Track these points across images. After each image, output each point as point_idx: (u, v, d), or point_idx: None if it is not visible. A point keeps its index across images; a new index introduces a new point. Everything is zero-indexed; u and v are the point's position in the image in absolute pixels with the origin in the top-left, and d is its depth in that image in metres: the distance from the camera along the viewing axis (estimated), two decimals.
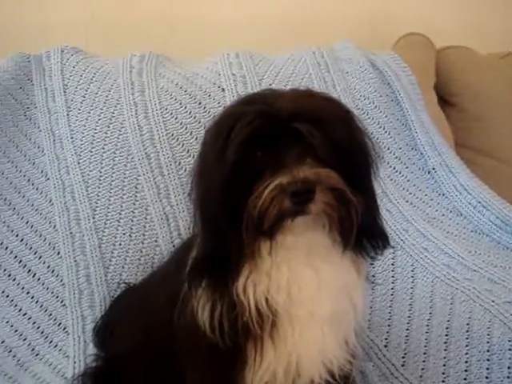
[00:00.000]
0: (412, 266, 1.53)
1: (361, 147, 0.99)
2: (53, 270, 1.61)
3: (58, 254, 1.62)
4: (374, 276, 1.52)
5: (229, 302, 0.99)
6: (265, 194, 0.89)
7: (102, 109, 1.71)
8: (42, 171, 1.69)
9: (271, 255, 0.96)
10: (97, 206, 1.64)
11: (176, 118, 1.68)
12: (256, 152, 0.94)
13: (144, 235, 1.62)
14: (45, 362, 1.50)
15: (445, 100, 2.09)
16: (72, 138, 1.70)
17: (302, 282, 0.98)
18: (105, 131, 1.69)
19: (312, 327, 1.00)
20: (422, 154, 1.73)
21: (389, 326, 1.42)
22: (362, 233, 0.96)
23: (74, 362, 1.48)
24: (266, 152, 0.94)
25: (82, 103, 1.73)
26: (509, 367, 1.24)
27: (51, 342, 1.54)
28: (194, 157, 1.64)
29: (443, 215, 1.65)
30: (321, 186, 0.90)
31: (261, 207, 0.90)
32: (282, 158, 0.92)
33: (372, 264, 1.50)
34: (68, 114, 1.73)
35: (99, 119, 1.70)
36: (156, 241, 1.62)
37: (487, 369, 1.26)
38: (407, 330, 1.40)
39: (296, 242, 0.96)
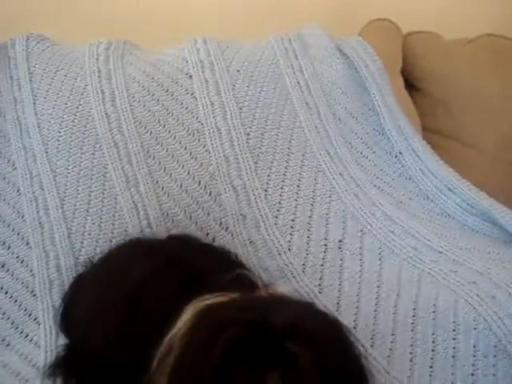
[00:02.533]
0: (379, 249, 1.55)
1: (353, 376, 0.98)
2: (22, 261, 1.60)
3: (27, 244, 1.61)
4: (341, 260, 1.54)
5: None
6: None
7: (68, 97, 1.69)
8: (8, 161, 1.67)
9: None
10: (65, 196, 1.63)
11: (144, 106, 1.67)
12: (239, 364, 0.91)
13: (113, 224, 1.62)
14: (15, 352, 1.50)
15: (411, 85, 2.11)
16: (39, 126, 1.68)
17: None
18: (72, 120, 1.67)
19: None
20: (388, 138, 1.74)
21: (357, 308, 1.44)
22: None
23: (46, 352, 1.48)
24: (249, 366, 0.90)
25: (48, 91, 1.71)
26: (474, 345, 1.27)
27: (22, 332, 1.53)
28: (162, 144, 1.65)
29: (410, 199, 1.67)
30: None
31: None
32: (263, 378, 0.88)
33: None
34: (34, 103, 1.71)
35: (66, 107, 1.68)
36: (126, 230, 1.61)
37: (453, 348, 1.28)
38: (375, 311, 1.42)
39: None
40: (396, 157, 1.73)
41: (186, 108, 1.68)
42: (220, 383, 0.91)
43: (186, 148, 1.65)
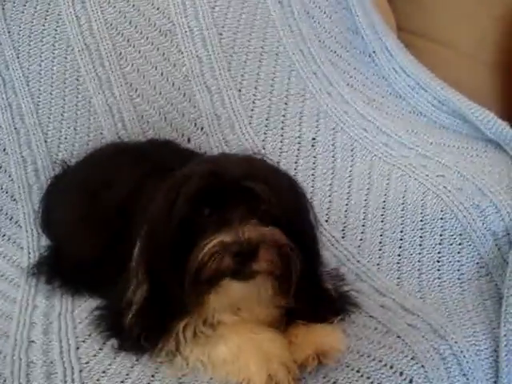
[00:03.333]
0: (351, 145, 1.57)
1: (304, 210, 1.04)
2: (0, 167, 1.62)
3: (4, 150, 1.63)
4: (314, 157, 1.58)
5: None
6: (205, 249, 0.91)
7: (37, 1, 1.66)
8: None
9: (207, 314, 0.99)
10: (39, 101, 1.63)
11: (114, 7, 1.64)
12: (203, 210, 0.96)
13: (89, 128, 1.63)
14: None
15: None
16: (9, 32, 1.66)
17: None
18: (42, 23, 1.65)
19: None
20: (362, 37, 1.73)
21: (329, 202, 1.49)
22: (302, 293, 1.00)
23: (29, 253, 1.52)
24: (213, 210, 0.96)
25: None
26: (440, 234, 1.32)
27: (4, 235, 1.57)
28: (134, 46, 1.63)
29: (383, 97, 1.68)
30: (264, 245, 0.92)
31: (200, 261, 0.92)
32: (228, 217, 0.94)
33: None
34: (3, 8, 1.67)
35: (35, 11, 1.66)
36: (101, 133, 1.63)
37: (420, 237, 1.34)
38: (346, 205, 1.47)
39: (235, 307, 1.00)
40: (370, 56, 1.73)
41: (158, 8, 1.65)
42: (188, 232, 0.96)
43: (158, 49, 1.63)
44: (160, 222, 1.00)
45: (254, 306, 1.01)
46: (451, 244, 1.31)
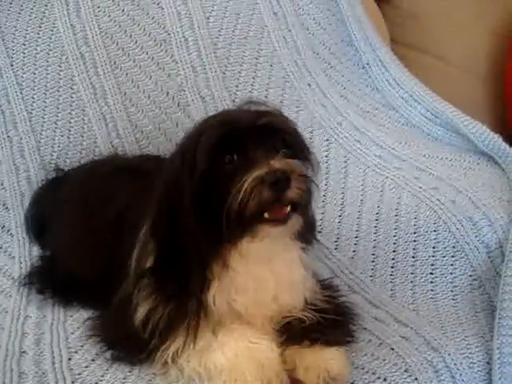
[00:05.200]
0: (345, 157, 1.58)
1: (308, 147, 1.08)
2: None
3: None
4: None
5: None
6: (245, 185, 0.93)
7: (32, 9, 1.67)
8: None
9: (238, 258, 1.02)
10: (32, 109, 1.63)
11: (109, 16, 1.65)
12: (224, 158, 0.98)
13: (83, 136, 1.63)
14: None
15: None
16: (3, 40, 1.66)
17: (262, 287, 1.05)
18: (36, 32, 1.65)
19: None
20: (356, 49, 1.74)
21: (323, 213, 1.49)
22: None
23: (20, 263, 1.51)
24: (236, 155, 0.98)
25: (11, 4, 1.68)
26: (433, 247, 1.33)
27: None
28: (129, 55, 1.64)
29: (376, 109, 1.69)
30: (294, 174, 0.96)
31: (242, 198, 0.94)
32: (252, 158, 0.97)
33: None
34: None
35: (30, 19, 1.66)
36: (95, 142, 1.63)
37: (414, 249, 1.34)
38: (340, 216, 1.47)
39: (262, 247, 1.01)
40: (363, 68, 1.74)
41: (153, 18, 1.66)
42: (211, 184, 0.98)
43: (153, 59, 1.64)
44: (183, 181, 1.00)
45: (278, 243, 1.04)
46: (444, 256, 1.31)
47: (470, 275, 1.29)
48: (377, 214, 1.42)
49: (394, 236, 1.37)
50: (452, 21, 2.05)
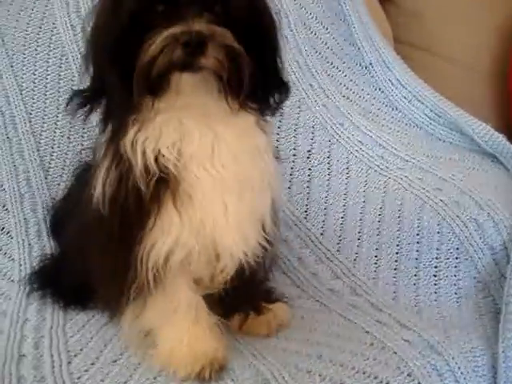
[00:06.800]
0: (347, 158, 1.57)
1: (262, 9, 1.00)
2: None
3: None
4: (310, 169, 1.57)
5: (121, 165, 1.00)
6: (157, 42, 0.90)
7: (32, 9, 1.65)
8: None
9: (160, 112, 0.97)
10: (32, 110, 1.61)
11: None
12: (156, 5, 0.94)
13: (83, 137, 1.61)
14: None
15: None
16: (3, 40, 1.64)
17: (194, 139, 0.99)
18: (36, 32, 1.64)
19: (216, 192, 1.01)
20: (359, 49, 1.72)
21: (325, 215, 1.48)
22: (256, 92, 0.98)
23: (20, 265, 1.50)
24: (167, 6, 0.93)
25: (11, 4, 1.67)
26: (437, 249, 1.32)
27: None
28: None
29: (379, 109, 1.67)
30: (214, 41, 0.91)
31: (151, 55, 0.90)
32: (181, 12, 0.91)
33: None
34: None
35: (30, 20, 1.64)
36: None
37: (417, 251, 1.34)
38: (342, 218, 1.47)
39: (188, 102, 0.97)
40: (366, 68, 1.72)
41: None
42: (137, 28, 0.93)
43: None
44: (108, 15, 0.96)
45: (203, 99, 0.98)
46: (448, 258, 1.31)
47: (475, 277, 1.29)
48: (379, 215, 1.41)
49: (397, 238, 1.36)
50: (455, 19, 2.04)
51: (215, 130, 1.00)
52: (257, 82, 0.96)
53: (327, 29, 1.74)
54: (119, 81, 0.94)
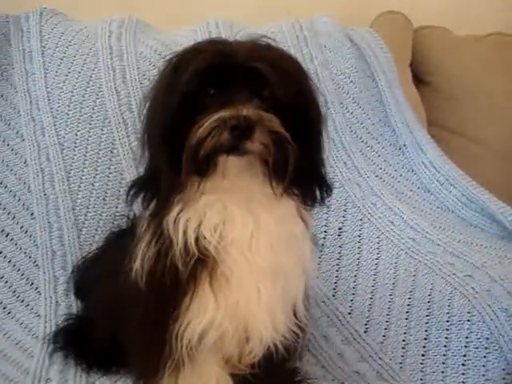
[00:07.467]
0: (378, 238, 1.57)
1: (309, 99, 1.03)
2: (26, 231, 1.63)
3: (32, 215, 1.63)
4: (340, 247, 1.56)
5: (161, 241, 1.02)
6: (206, 124, 0.93)
7: (79, 72, 1.71)
8: (17, 132, 1.69)
9: (205, 193, 0.99)
10: (71, 169, 1.65)
11: None
12: (208, 88, 0.97)
13: (118, 199, 1.64)
14: (16, 320, 1.53)
15: (420, 79, 2.12)
16: (49, 99, 1.70)
17: (237, 225, 1.01)
18: (82, 94, 1.69)
19: (252, 277, 1.02)
20: (394, 130, 1.75)
21: (353, 294, 1.47)
22: (300, 180, 1.00)
23: (46, 322, 1.50)
24: (218, 90, 0.97)
25: (59, 66, 1.72)
26: (466, 337, 1.30)
27: (23, 301, 1.56)
28: None
29: (411, 191, 1.68)
30: (261, 126, 0.93)
31: (200, 136, 0.93)
32: (231, 96, 0.95)
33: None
34: (45, 76, 1.72)
35: (76, 82, 1.70)
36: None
37: (446, 338, 1.32)
38: (371, 298, 1.45)
39: (232, 185, 0.99)
40: (400, 149, 1.75)
41: None
42: (189, 109, 0.96)
43: None
44: (163, 95, 0.99)
45: (247, 182, 1.00)
46: (477, 348, 1.28)
47: (504, 369, 1.25)
48: (409, 298, 1.40)
49: (426, 323, 1.34)
50: (489, 104, 2.06)
51: (257, 215, 1.02)
52: (301, 169, 0.98)
53: (363, 109, 1.77)
54: (169, 159, 0.98)
